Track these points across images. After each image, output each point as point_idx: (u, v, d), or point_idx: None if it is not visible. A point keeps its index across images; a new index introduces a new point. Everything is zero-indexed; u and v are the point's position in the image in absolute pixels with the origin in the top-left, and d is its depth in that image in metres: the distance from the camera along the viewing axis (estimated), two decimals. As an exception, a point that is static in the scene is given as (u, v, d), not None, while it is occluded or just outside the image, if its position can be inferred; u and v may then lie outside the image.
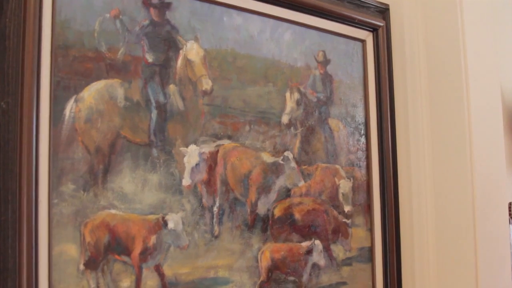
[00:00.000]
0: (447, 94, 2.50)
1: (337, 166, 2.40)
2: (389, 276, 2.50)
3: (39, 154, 1.57)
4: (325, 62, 2.41)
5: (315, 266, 2.25)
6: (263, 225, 2.12)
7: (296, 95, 2.27)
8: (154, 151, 1.84)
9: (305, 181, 2.27)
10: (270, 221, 2.14)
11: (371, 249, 2.49)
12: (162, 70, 1.89)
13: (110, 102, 1.76)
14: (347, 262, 2.40)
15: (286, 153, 2.21)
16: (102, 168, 1.73)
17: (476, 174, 2.40)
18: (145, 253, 1.78)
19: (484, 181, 2.44)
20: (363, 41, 2.57)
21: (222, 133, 2.02)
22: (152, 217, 1.81)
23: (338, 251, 2.36)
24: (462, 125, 2.42)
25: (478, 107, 2.45)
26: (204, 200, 1.95)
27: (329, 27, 2.41)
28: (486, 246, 2.40)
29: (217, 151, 2.01)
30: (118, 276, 1.73)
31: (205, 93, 1.99)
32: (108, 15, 1.78)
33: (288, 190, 2.22)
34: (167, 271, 1.84)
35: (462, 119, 2.43)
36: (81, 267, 1.66)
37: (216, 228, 1.97)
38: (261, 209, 2.12)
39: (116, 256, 1.73)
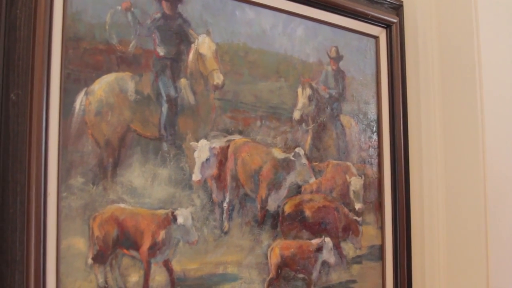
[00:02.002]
0: (460, 91, 2.48)
1: (349, 163, 2.39)
2: (399, 275, 2.49)
3: (48, 147, 1.57)
4: (338, 58, 2.39)
5: (325, 263, 2.24)
6: (273, 221, 2.11)
7: (308, 91, 2.26)
8: (164, 146, 1.83)
9: (316, 178, 2.26)
10: (280, 218, 2.13)
11: (381, 247, 2.48)
12: (174, 64, 1.89)
13: (120, 95, 1.75)
14: (357, 260, 2.38)
15: (297, 149, 2.20)
16: (111, 161, 1.72)
17: (488, 172, 2.39)
18: (154, 248, 1.77)
19: (497, 179, 2.43)
20: (376, 38, 2.55)
21: (233, 128, 2.01)
22: (161, 211, 1.80)
23: (348, 249, 2.35)
24: (475, 122, 2.41)
25: (491, 104, 2.43)
26: (214, 196, 1.94)
27: (342, 22, 2.40)
28: (497, 246, 2.39)
29: (228, 146, 2.00)
30: (126, 270, 1.72)
31: (216, 87, 1.98)
32: (119, 8, 1.78)
33: (299, 187, 2.21)
34: (176, 266, 1.83)
35: (475, 116, 2.41)
36: (89, 261, 1.65)
37: (225, 224, 1.97)
38: (271, 206, 2.11)
39: (125, 251, 1.72)
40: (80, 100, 1.67)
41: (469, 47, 2.46)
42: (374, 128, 2.51)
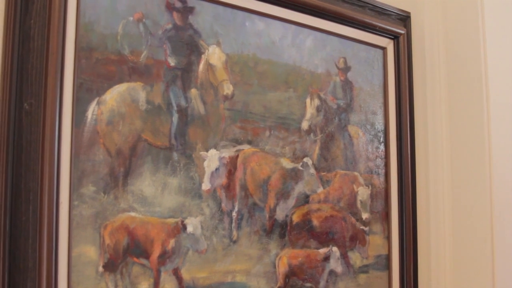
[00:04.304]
0: (467, 101, 2.49)
1: (356, 173, 2.40)
2: (405, 284, 2.49)
3: (60, 156, 1.58)
4: (346, 68, 2.40)
5: (332, 273, 2.25)
6: (281, 230, 2.12)
7: (316, 102, 2.27)
8: (175, 155, 1.84)
9: (323, 188, 2.26)
10: (288, 227, 2.14)
11: (388, 257, 2.49)
12: (184, 74, 1.90)
13: (132, 105, 1.77)
14: (364, 269, 2.39)
15: (305, 159, 2.20)
16: (122, 170, 1.73)
17: (495, 182, 2.40)
18: (164, 257, 1.78)
19: (503, 190, 2.43)
20: (384, 49, 2.56)
21: (242, 138, 2.03)
22: (171, 220, 1.81)
23: (355, 258, 2.36)
24: (482, 132, 2.42)
25: (498, 114, 2.44)
26: (223, 205, 1.95)
27: (350, 34, 2.41)
28: (504, 255, 2.39)
29: (237, 156, 2.01)
30: (136, 278, 1.73)
31: (226, 97, 1.99)
32: (131, 19, 1.79)
33: (307, 196, 2.21)
34: (185, 275, 1.84)
35: (481, 126, 2.42)
36: (100, 269, 1.66)
37: (234, 233, 1.97)
38: (280, 215, 2.12)
39: (135, 259, 1.73)
40: (92, 110, 1.68)
41: (476, 58, 2.47)
42: (381, 139, 2.52)
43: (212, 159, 1.93)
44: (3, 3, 1.56)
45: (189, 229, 1.84)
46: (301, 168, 2.19)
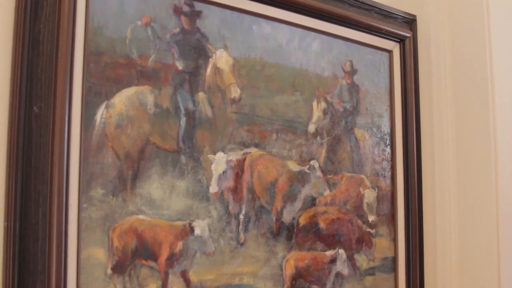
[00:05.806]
0: (473, 104, 2.50)
1: (362, 176, 2.40)
2: (412, 287, 2.49)
3: (70, 159, 1.58)
4: (352, 72, 2.41)
5: (338, 275, 2.25)
6: (288, 233, 2.12)
7: (323, 105, 2.27)
8: (182, 158, 1.85)
9: (330, 190, 2.27)
10: (295, 230, 2.15)
11: (394, 259, 2.49)
12: (192, 78, 1.91)
13: (140, 109, 1.77)
14: (370, 271, 2.39)
15: (312, 162, 2.21)
16: (131, 173, 1.74)
17: (501, 184, 2.40)
18: (172, 259, 1.79)
19: (509, 190, 2.43)
20: (390, 52, 2.57)
21: (249, 141, 2.03)
22: (179, 223, 1.82)
23: (362, 260, 2.36)
24: (488, 134, 2.42)
25: (504, 116, 2.44)
26: (230, 207, 1.96)
27: (357, 37, 2.42)
28: (510, 257, 2.39)
29: (244, 159, 2.02)
30: (144, 281, 1.74)
31: (233, 101, 2.00)
32: (139, 23, 1.80)
33: (313, 199, 2.22)
34: (193, 277, 1.85)
35: (487, 129, 2.42)
36: (109, 271, 1.67)
37: (241, 235, 1.98)
38: (286, 217, 2.12)
39: (143, 261, 1.74)
40: (101, 113, 1.69)
41: (482, 61, 2.48)
42: (388, 141, 2.53)
43: (219, 162, 1.93)
44: (12, 7, 1.57)
45: (197, 231, 1.84)
46: (308, 171, 2.19)
